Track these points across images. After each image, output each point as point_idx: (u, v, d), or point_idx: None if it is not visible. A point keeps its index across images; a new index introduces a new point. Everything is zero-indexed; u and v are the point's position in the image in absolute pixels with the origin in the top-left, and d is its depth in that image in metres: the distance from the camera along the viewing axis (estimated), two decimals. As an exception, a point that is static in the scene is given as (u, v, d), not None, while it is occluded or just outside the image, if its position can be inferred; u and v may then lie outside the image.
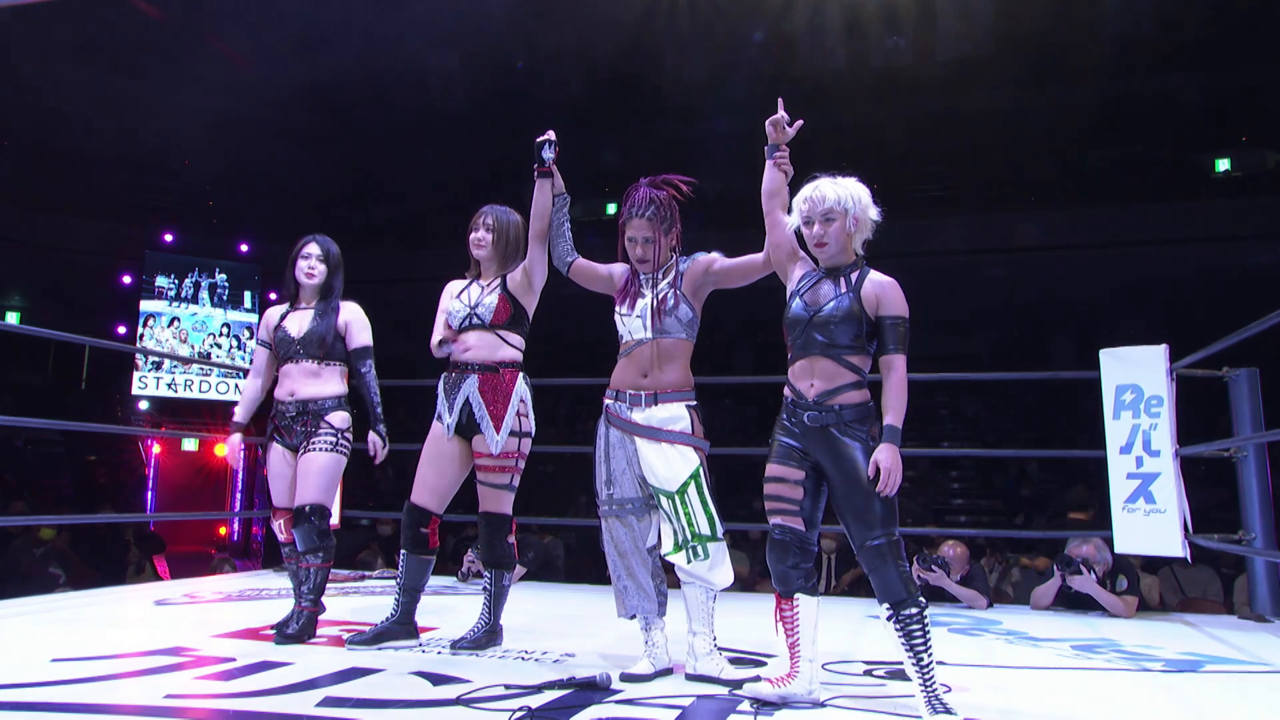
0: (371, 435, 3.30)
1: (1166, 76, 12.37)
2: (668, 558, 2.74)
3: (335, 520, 5.20)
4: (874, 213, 2.54)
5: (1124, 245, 12.48)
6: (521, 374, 3.17)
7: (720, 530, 2.72)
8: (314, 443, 3.27)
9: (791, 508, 2.45)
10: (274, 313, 3.47)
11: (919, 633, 2.29)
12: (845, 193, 2.50)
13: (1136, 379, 4.30)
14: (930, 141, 13.26)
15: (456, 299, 3.21)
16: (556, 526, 7.64)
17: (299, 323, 3.38)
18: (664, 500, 2.71)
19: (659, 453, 2.72)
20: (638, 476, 2.77)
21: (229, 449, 3.46)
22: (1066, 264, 13.02)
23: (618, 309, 2.87)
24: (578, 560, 7.33)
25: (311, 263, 3.39)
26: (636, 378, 2.79)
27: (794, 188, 2.60)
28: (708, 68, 12.52)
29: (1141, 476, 4.20)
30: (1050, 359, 13.06)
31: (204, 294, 13.46)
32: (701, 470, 2.71)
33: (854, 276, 2.50)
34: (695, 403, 2.81)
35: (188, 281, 13.39)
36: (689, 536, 2.69)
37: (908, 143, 13.41)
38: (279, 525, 3.39)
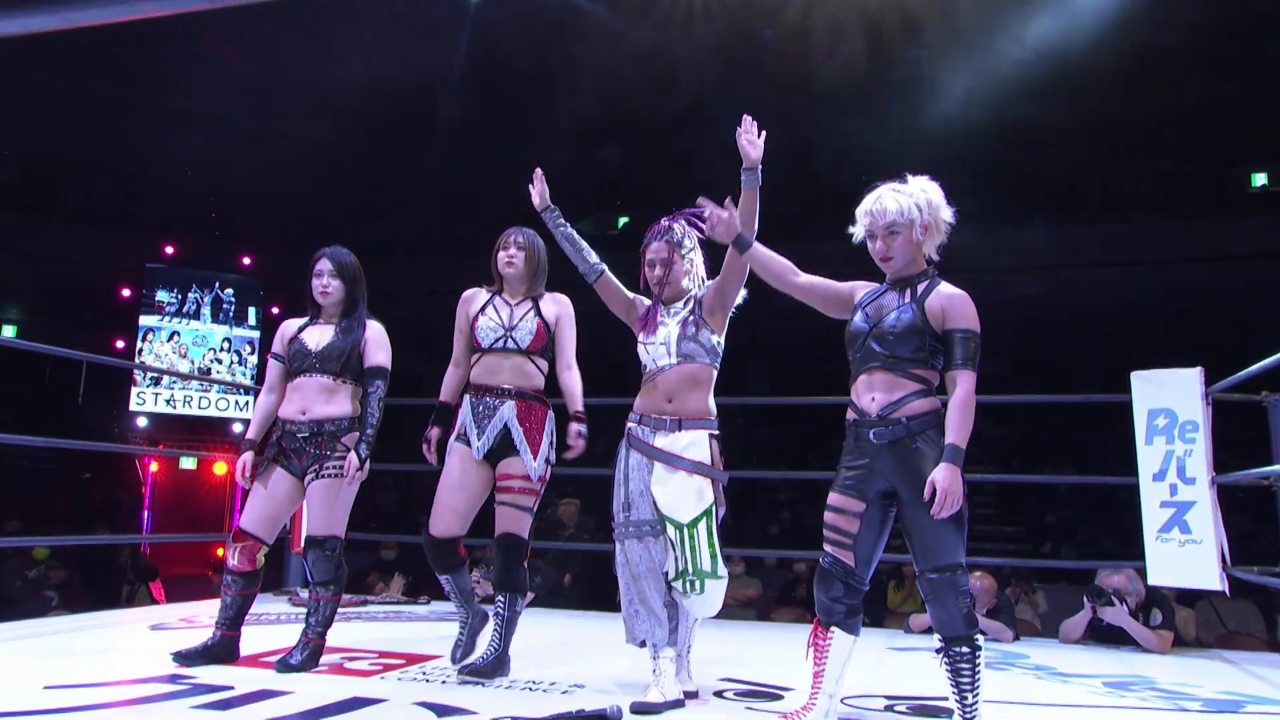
0: (351, 456, 3.20)
1: (1200, 88, 12.35)
2: (670, 582, 2.82)
3: None
4: (947, 214, 2.49)
5: (1155, 263, 12.45)
6: (549, 402, 3.27)
7: (722, 569, 2.78)
8: (328, 467, 3.18)
9: (845, 540, 2.43)
10: (291, 325, 3.39)
11: (967, 671, 2.28)
12: (909, 201, 2.46)
13: (1170, 403, 4.27)
14: (952, 154, 13.27)
15: (484, 314, 3.24)
16: (565, 552, 7.61)
17: (318, 336, 3.30)
18: (671, 529, 2.79)
19: (675, 482, 2.80)
20: (654, 501, 2.83)
21: (241, 467, 3.25)
22: (1095, 281, 12.97)
23: (640, 338, 2.99)
24: (584, 587, 7.31)
25: (325, 280, 3.31)
26: (660, 403, 2.89)
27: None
28: (721, 76, 12.57)
29: (1176, 505, 4.16)
30: (1078, 381, 12.98)
31: (205, 309, 13.53)
32: (714, 508, 2.80)
33: (920, 288, 2.46)
34: (718, 432, 2.90)
35: (190, 296, 13.48)
36: (690, 570, 2.77)
37: (928, 155, 13.42)
38: (237, 550, 3.21)
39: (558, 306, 3.27)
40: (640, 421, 2.91)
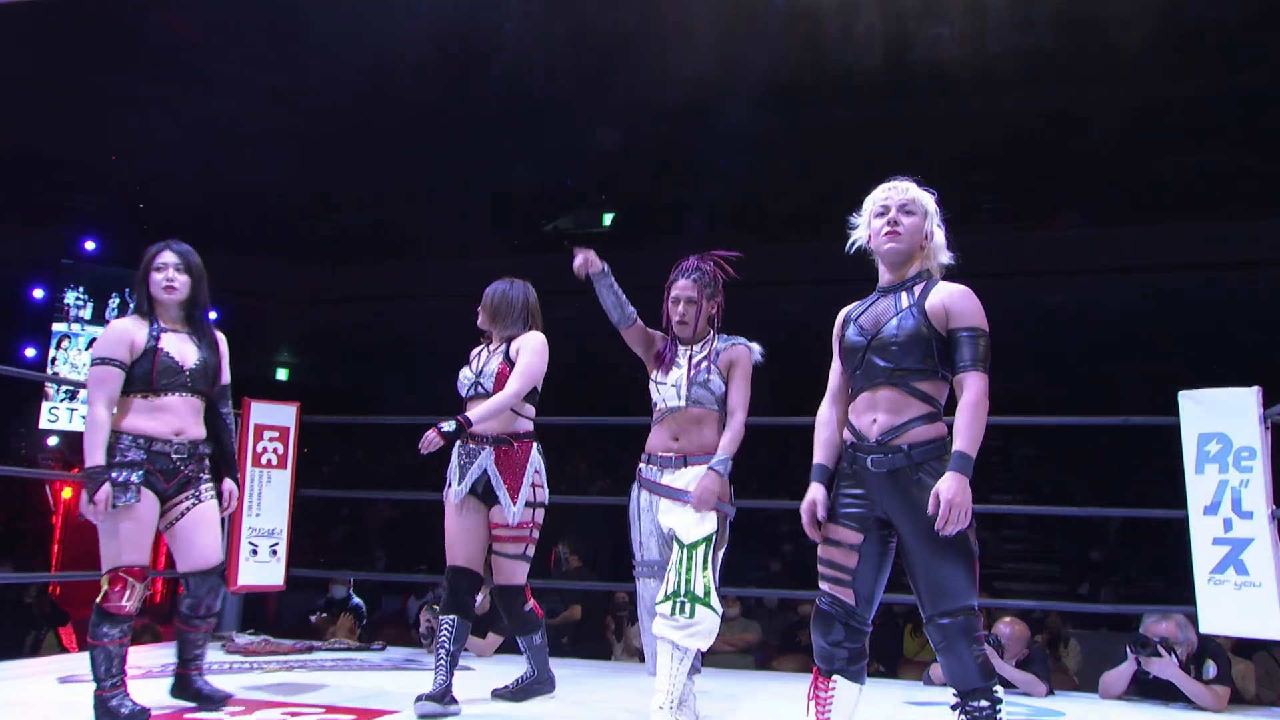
0: (229, 484, 3.43)
1: (1255, 74, 12.41)
2: (655, 604, 3.10)
3: (280, 581, 5.30)
4: (945, 256, 2.61)
5: (1206, 268, 12.51)
6: (535, 444, 3.60)
7: (716, 601, 3.06)
8: (204, 491, 3.33)
9: (843, 576, 2.45)
10: (129, 328, 3.31)
11: None
12: (928, 197, 2.60)
13: (1223, 427, 4.27)
14: (978, 147, 13.32)
15: (465, 366, 3.65)
16: (559, 590, 7.62)
17: (182, 349, 3.31)
18: (676, 549, 3.14)
19: (684, 514, 3.17)
20: (665, 539, 3.23)
21: (105, 500, 3.10)
22: (1138, 289, 13.02)
23: (653, 375, 3.39)
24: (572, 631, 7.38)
25: (170, 274, 3.36)
26: (668, 441, 3.31)
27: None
28: (720, 59, 12.61)
29: (1231, 542, 4.16)
30: (1120, 400, 13.03)
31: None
32: (715, 538, 3.14)
33: (918, 290, 2.52)
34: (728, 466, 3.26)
35: (113, 298, 13.35)
36: (681, 590, 3.05)
37: (950, 147, 13.48)
38: (134, 589, 3.15)
39: (519, 343, 3.58)
40: (649, 461, 3.33)
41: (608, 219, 14.02)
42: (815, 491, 2.58)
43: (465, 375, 3.62)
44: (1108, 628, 8.11)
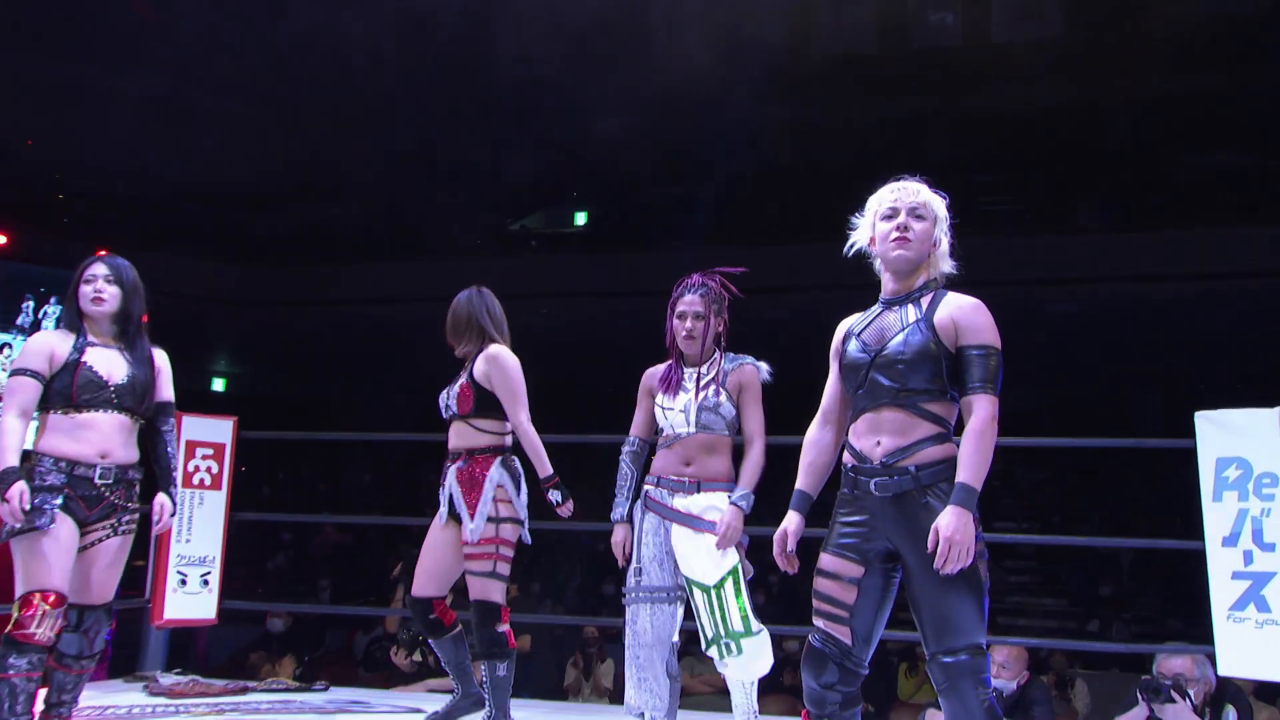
0: (162, 498, 3.51)
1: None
2: (705, 653, 3.34)
3: (212, 614, 5.26)
4: (948, 265, 2.64)
5: (1226, 277, 12.57)
6: (499, 459, 3.77)
7: (755, 625, 3.27)
8: (124, 523, 3.39)
9: (839, 612, 2.46)
10: (51, 340, 3.40)
11: None
12: (938, 201, 2.64)
13: (1243, 451, 4.28)
14: (980, 144, 13.34)
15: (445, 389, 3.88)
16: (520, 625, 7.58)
17: (108, 364, 3.38)
18: (698, 593, 3.31)
19: (697, 545, 3.34)
20: (671, 567, 3.41)
21: (19, 496, 3.15)
22: (1153, 299, 13.08)
23: (659, 400, 3.55)
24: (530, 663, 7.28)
25: (99, 285, 3.44)
26: (679, 465, 3.47)
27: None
28: (708, 47, 12.61)
29: (1252, 577, 4.16)
30: (1131, 420, 13.10)
31: (49, 320, 13.19)
32: (739, 568, 3.32)
33: (925, 302, 2.54)
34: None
35: (26, 300, 13.14)
36: (723, 633, 3.28)
37: (951, 144, 13.50)
38: (53, 616, 3.17)
39: (485, 363, 3.79)
40: (658, 483, 3.47)
41: (580, 218, 14.02)
42: (790, 521, 2.67)
43: (441, 399, 3.89)
44: (1119, 668, 8.13)
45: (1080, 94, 12.73)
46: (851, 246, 2.70)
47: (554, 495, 3.68)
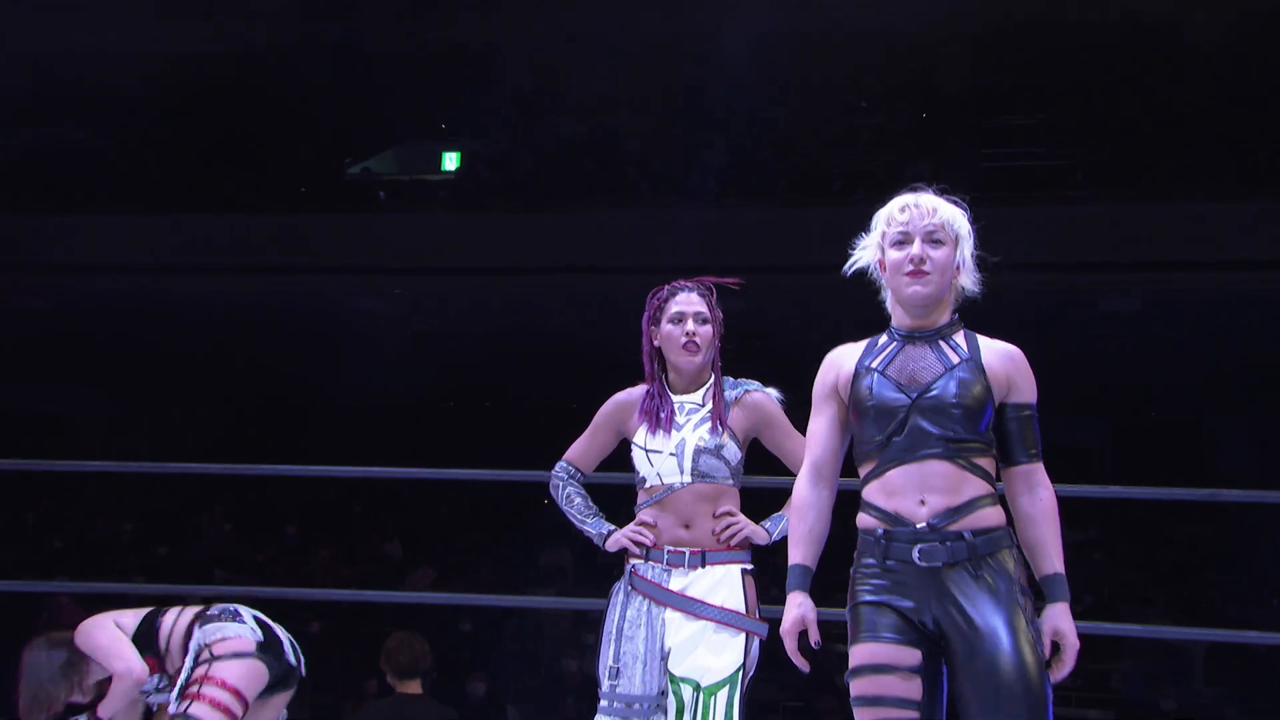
0: None
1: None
2: None
3: None
4: (969, 281, 2.88)
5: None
6: None
7: None
8: None
9: (908, 714, 2.63)
10: None
11: None
12: (959, 216, 2.85)
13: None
14: (1016, 74, 13.34)
15: None
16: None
17: None
18: (686, 690, 3.38)
19: (698, 638, 3.39)
20: (658, 669, 3.42)
21: None
22: (1244, 301, 12.80)
23: (641, 440, 3.57)
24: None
25: None
26: (676, 530, 3.49)
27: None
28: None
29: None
30: (1206, 463, 12.92)
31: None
32: (742, 674, 3.37)
33: (960, 339, 2.82)
34: (752, 566, 3.51)
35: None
36: None
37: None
38: None
39: None
40: (649, 556, 3.49)
41: (450, 161, 13.86)
42: (804, 606, 2.84)
43: None
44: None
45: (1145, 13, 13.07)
46: (852, 265, 2.94)
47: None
